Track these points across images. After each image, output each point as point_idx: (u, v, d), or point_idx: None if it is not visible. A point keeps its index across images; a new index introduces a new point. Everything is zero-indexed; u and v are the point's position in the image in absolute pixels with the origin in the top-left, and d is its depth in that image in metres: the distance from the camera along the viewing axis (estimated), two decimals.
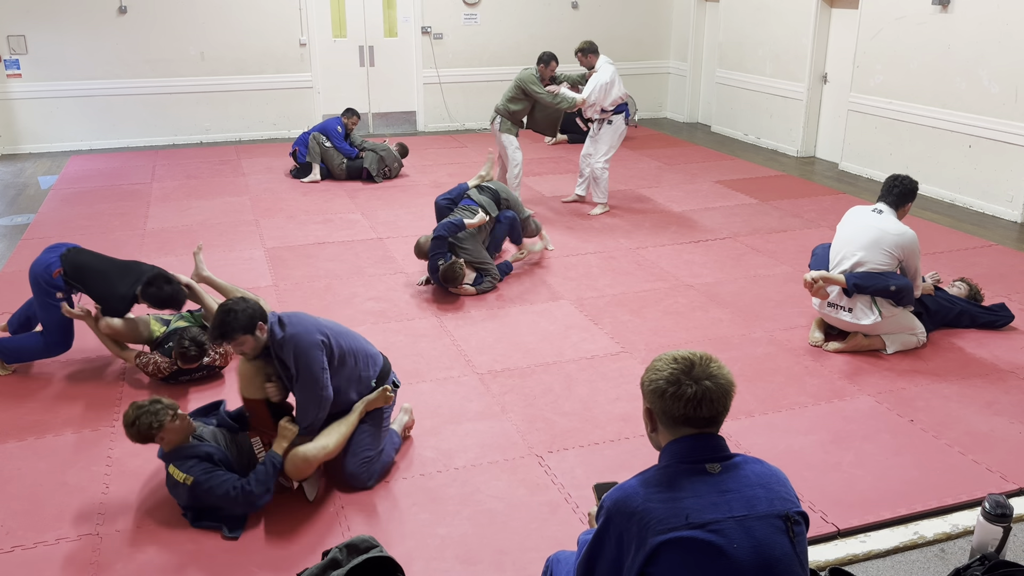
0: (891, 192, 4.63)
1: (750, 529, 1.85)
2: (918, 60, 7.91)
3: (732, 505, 1.87)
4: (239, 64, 10.29)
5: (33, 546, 3.09)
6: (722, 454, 1.94)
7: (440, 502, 3.36)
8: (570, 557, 2.37)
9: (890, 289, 4.46)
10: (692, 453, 1.93)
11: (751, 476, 1.93)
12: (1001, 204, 7.27)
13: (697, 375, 1.91)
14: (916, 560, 3.06)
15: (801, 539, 1.92)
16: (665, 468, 1.94)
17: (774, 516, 1.88)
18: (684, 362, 1.94)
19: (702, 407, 1.90)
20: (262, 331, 3.26)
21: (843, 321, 4.65)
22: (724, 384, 1.93)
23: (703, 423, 1.93)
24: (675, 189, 8.23)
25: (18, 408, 4.09)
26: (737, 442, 3.75)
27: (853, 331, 4.65)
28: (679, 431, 1.95)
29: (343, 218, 7.25)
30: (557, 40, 11.52)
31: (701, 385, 1.90)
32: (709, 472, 1.91)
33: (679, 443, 1.95)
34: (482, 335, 4.92)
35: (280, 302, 5.39)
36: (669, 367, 1.94)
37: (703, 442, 1.94)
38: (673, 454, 1.95)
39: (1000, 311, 4.97)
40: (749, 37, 10.34)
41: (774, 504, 1.90)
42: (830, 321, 4.75)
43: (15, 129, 9.83)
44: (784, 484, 1.97)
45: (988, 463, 3.60)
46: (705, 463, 1.92)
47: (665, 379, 1.93)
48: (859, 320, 4.57)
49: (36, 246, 6.49)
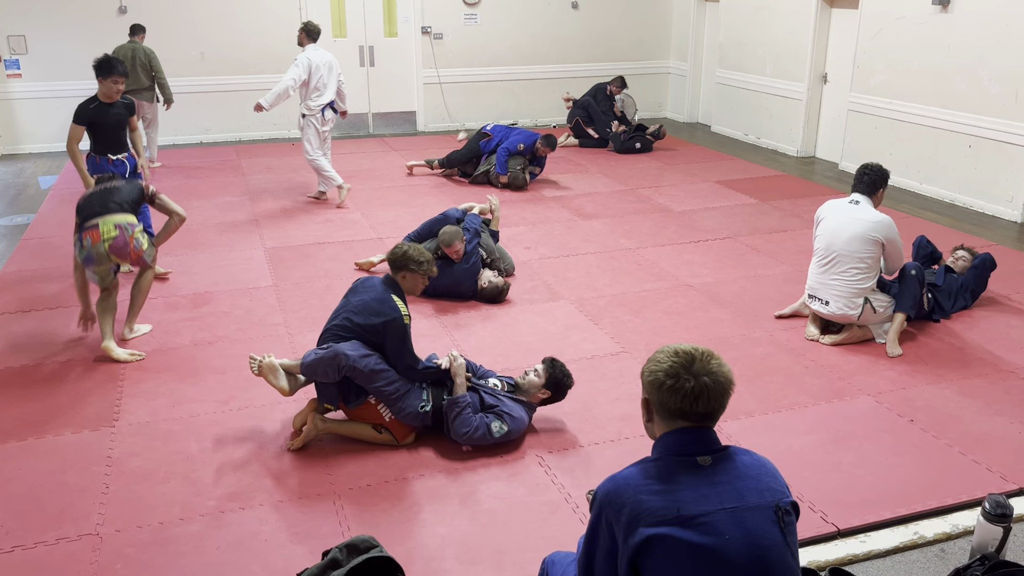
0: (863, 181, 4.72)
1: (741, 520, 1.86)
2: (918, 60, 7.91)
3: (723, 497, 1.88)
4: (239, 64, 10.29)
5: (33, 546, 3.09)
6: (713, 447, 1.95)
7: (440, 502, 3.36)
8: (565, 558, 2.37)
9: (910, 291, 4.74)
10: (684, 446, 1.94)
11: (741, 467, 1.94)
12: (1001, 204, 7.27)
13: (697, 370, 1.91)
14: (916, 560, 3.06)
15: (791, 529, 1.93)
16: (657, 460, 1.95)
17: (764, 507, 1.89)
18: (685, 356, 1.94)
19: (699, 403, 1.91)
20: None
21: (823, 312, 4.78)
22: (723, 381, 1.93)
23: (698, 418, 1.93)
24: (675, 189, 8.23)
25: (18, 408, 4.09)
26: (737, 442, 3.75)
27: (847, 323, 4.74)
28: (674, 424, 1.96)
29: (343, 218, 7.25)
30: (557, 40, 11.54)
31: (700, 381, 1.90)
32: (700, 464, 1.92)
33: (672, 436, 1.96)
34: (482, 335, 4.92)
35: (280, 302, 5.40)
36: (670, 360, 1.94)
37: (696, 435, 1.95)
38: (666, 447, 1.96)
39: (981, 258, 5.27)
40: (749, 37, 10.34)
41: (764, 495, 1.91)
42: (818, 313, 4.86)
43: (15, 129, 9.83)
44: (774, 475, 1.98)
45: (988, 463, 3.60)
46: (697, 456, 1.93)
47: (664, 372, 1.93)
48: (841, 311, 4.68)
49: (36, 246, 6.49)
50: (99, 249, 4.44)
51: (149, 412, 4.04)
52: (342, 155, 9.76)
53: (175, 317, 5.16)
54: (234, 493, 3.40)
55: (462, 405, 3.65)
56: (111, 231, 4.45)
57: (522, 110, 11.66)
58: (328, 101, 7.38)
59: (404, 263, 3.78)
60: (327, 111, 7.42)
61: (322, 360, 3.57)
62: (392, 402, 3.65)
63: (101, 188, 4.69)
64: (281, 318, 5.14)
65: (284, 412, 4.03)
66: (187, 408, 4.08)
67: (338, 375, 3.58)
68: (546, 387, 3.82)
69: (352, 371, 3.56)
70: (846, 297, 4.64)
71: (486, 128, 8.42)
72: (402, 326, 3.66)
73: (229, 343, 4.80)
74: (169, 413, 4.03)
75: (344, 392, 3.67)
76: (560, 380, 3.83)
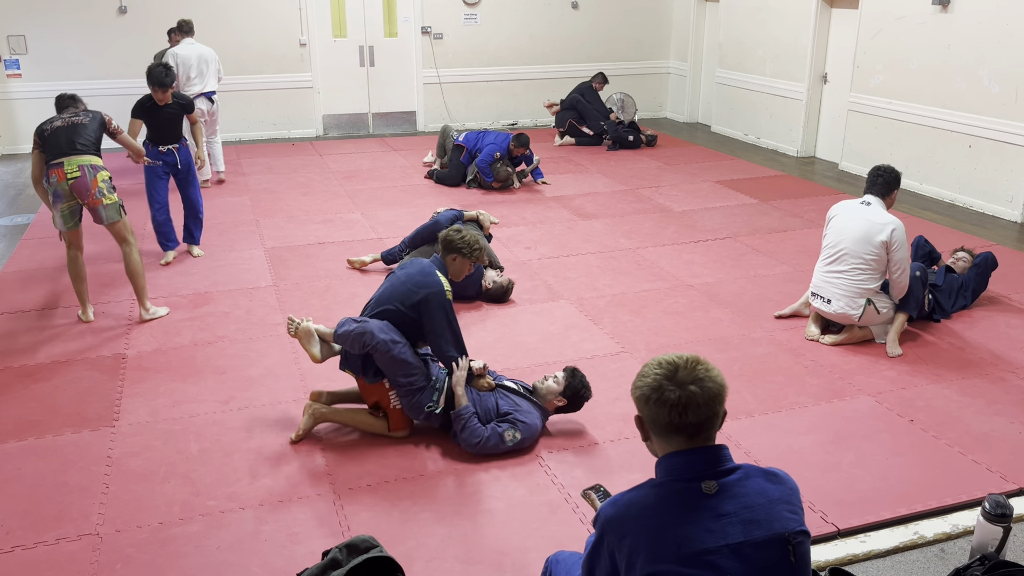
0: (876, 183, 4.73)
1: (746, 557, 1.77)
2: (918, 60, 7.91)
3: (727, 531, 1.78)
4: (239, 64, 10.29)
5: (33, 546, 3.09)
6: (720, 468, 1.85)
7: (440, 502, 3.36)
8: (570, 557, 2.36)
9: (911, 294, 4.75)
10: (687, 470, 1.84)
11: (751, 495, 1.83)
12: (1001, 204, 7.27)
13: (681, 379, 1.82)
14: (916, 560, 3.06)
15: (802, 558, 1.84)
16: (659, 487, 1.86)
17: (773, 540, 1.80)
18: (668, 367, 1.85)
19: (687, 413, 1.80)
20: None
21: (825, 311, 4.77)
22: (711, 388, 1.82)
23: (692, 430, 1.83)
24: (675, 189, 8.23)
25: (18, 408, 4.09)
26: (737, 442, 3.75)
27: (847, 323, 4.74)
28: (671, 441, 1.86)
29: (343, 218, 7.25)
30: (557, 40, 11.54)
31: (685, 390, 1.80)
32: (705, 492, 1.82)
33: (674, 458, 1.86)
34: (482, 335, 4.92)
35: (280, 302, 5.40)
36: (653, 372, 1.86)
37: (698, 456, 1.85)
38: (667, 471, 1.87)
39: (983, 256, 5.27)
40: (749, 37, 10.34)
41: (773, 527, 1.81)
42: (820, 313, 4.85)
43: (15, 129, 9.83)
44: (788, 500, 1.86)
45: (988, 463, 3.60)
46: (701, 481, 1.83)
47: (649, 385, 1.84)
48: (842, 311, 4.67)
49: (36, 246, 6.49)
50: (63, 187, 4.75)
51: (149, 412, 4.04)
52: (342, 155, 9.77)
53: (175, 317, 5.16)
54: (234, 493, 3.40)
55: (466, 416, 3.64)
56: (74, 171, 4.73)
57: (522, 110, 11.66)
58: (201, 91, 7.93)
59: (459, 247, 3.89)
60: (200, 100, 7.88)
61: (350, 333, 3.61)
62: (404, 394, 3.67)
63: (68, 123, 4.90)
64: (281, 318, 5.14)
65: (284, 412, 4.03)
66: (187, 408, 4.08)
67: (362, 350, 3.62)
68: (563, 395, 3.80)
69: (375, 352, 3.59)
70: (849, 296, 4.63)
71: (458, 140, 8.39)
72: (444, 299, 3.70)
73: (229, 343, 4.80)
74: (169, 413, 4.03)
75: (366, 366, 3.70)
76: (578, 391, 3.82)
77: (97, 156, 4.88)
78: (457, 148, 8.35)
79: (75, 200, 4.81)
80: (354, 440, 3.78)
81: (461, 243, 3.88)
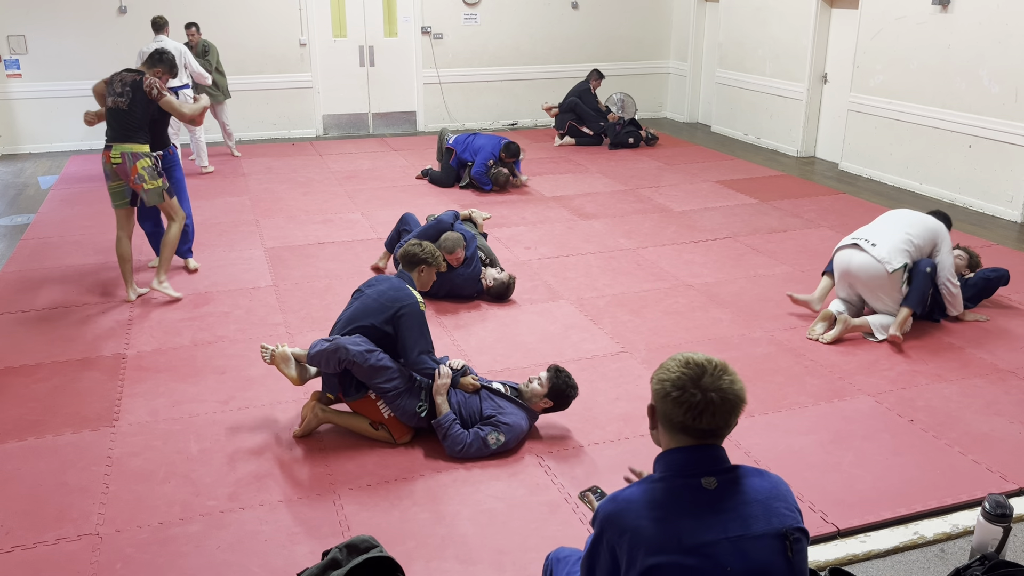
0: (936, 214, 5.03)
1: (745, 551, 1.79)
2: (918, 60, 7.91)
3: (727, 525, 1.80)
4: (239, 64, 10.29)
5: (33, 546, 3.09)
6: (720, 466, 1.86)
7: (440, 502, 3.36)
8: (571, 556, 2.35)
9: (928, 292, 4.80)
10: (688, 466, 1.86)
11: (749, 491, 1.85)
12: (1001, 204, 7.27)
13: (705, 384, 1.81)
14: (916, 560, 3.06)
15: (800, 556, 1.85)
16: (660, 481, 1.87)
17: (771, 535, 1.82)
18: (696, 368, 1.84)
19: (702, 418, 1.81)
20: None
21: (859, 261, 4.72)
22: (732, 399, 1.82)
23: (700, 434, 1.84)
24: (675, 189, 8.23)
25: (18, 408, 4.09)
26: (737, 442, 3.75)
27: (874, 281, 4.73)
28: (676, 438, 1.87)
29: (343, 218, 7.25)
30: (557, 40, 11.54)
31: (707, 396, 1.80)
32: (705, 488, 1.83)
33: (676, 454, 1.87)
34: (482, 335, 4.92)
35: (280, 302, 5.40)
36: (679, 370, 1.85)
37: (700, 454, 1.86)
38: (668, 466, 1.88)
39: (997, 271, 5.24)
40: (749, 37, 10.34)
41: (771, 522, 1.83)
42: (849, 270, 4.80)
43: (15, 129, 9.83)
44: (784, 498, 1.88)
45: (988, 463, 3.60)
46: (701, 476, 1.84)
47: (672, 382, 1.84)
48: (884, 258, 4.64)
49: (36, 246, 6.49)
50: (108, 168, 5.24)
51: (149, 412, 4.04)
52: (342, 155, 9.77)
53: (175, 317, 5.16)
54: (234, 493, 3.40)
55: (446, 424, 3.65)
56: (116, 157, 5.16)
57: (522, 110, 11.66)
58: (177, 86, 8.03)
59: (423, 258, 4.02)
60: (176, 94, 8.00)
61: (324, 352, 3.64)
62: (390, 400, 3.67)
63: (119, 109, 5.18)
64: (281, 318, 5.14)
65: (284, 412, 4.03)
66: (187, 408, 4.08)
67: (339, 367, 3.62)
68: (548, 397, 3.79)
69: (352, 365, 3.59)
70: (895, 247, 4.66)
71: (449, 143, 8.37)
72: (419, 312, 3.76)
73: (229, 343, 4.80)
74: (169, 413, 4.04)
75: (344, 384, 3.71)
76: (563, 391, 3.80)
77: (140, 143, 5.18)
78: (448, 151, 8.37)
79: (120, 180, 5.25)
80: (354, 440, 3.78)
81: (424, 254, 4.03)
